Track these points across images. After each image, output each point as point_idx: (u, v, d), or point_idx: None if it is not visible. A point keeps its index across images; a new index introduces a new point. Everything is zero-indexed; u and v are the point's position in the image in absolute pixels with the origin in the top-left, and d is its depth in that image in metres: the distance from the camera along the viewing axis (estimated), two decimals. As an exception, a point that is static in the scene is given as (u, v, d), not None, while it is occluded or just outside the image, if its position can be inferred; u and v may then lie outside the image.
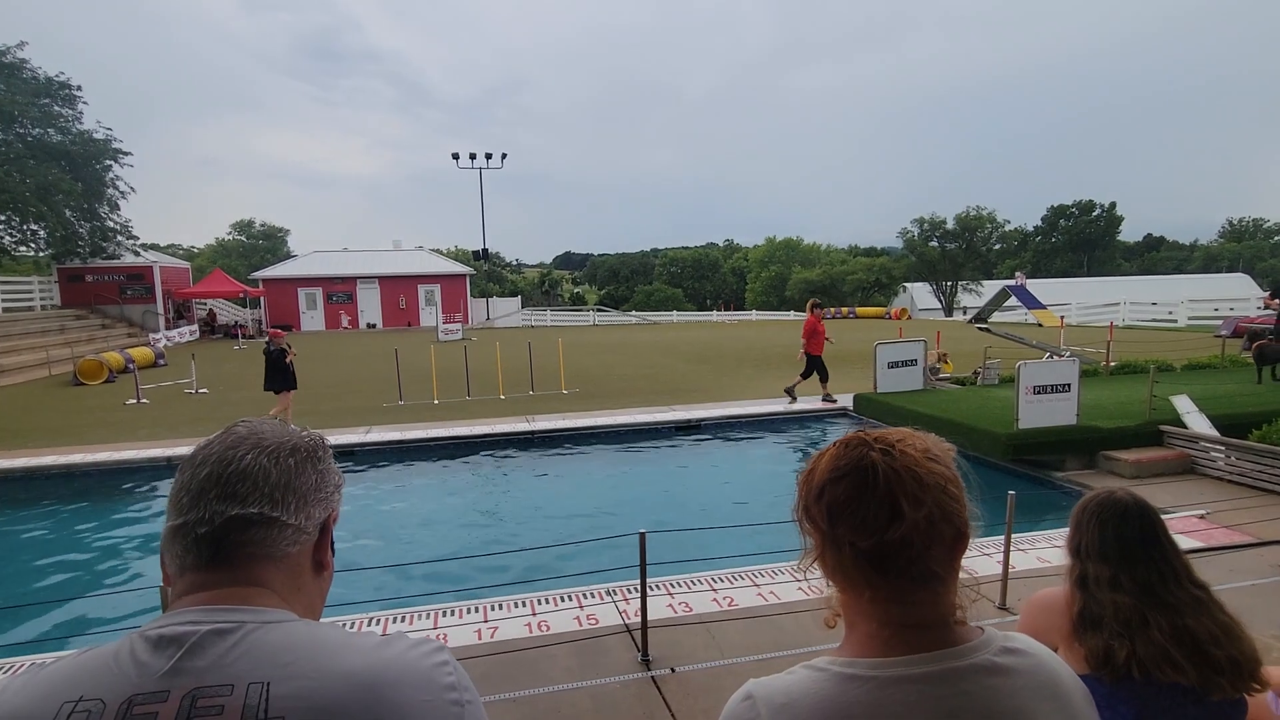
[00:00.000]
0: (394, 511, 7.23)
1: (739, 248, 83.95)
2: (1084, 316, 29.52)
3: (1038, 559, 4.85)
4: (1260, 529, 5.25)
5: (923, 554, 0.83)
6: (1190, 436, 7.05)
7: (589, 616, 4.19)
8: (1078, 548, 1.88)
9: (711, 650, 3.73)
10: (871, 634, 0.87)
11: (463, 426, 10.07)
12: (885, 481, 0.85)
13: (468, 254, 50.50)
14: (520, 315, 42.17)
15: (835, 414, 10.67)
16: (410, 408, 11.92)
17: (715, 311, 52.78)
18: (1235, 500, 5.99)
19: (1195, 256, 74.87)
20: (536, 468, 8.82)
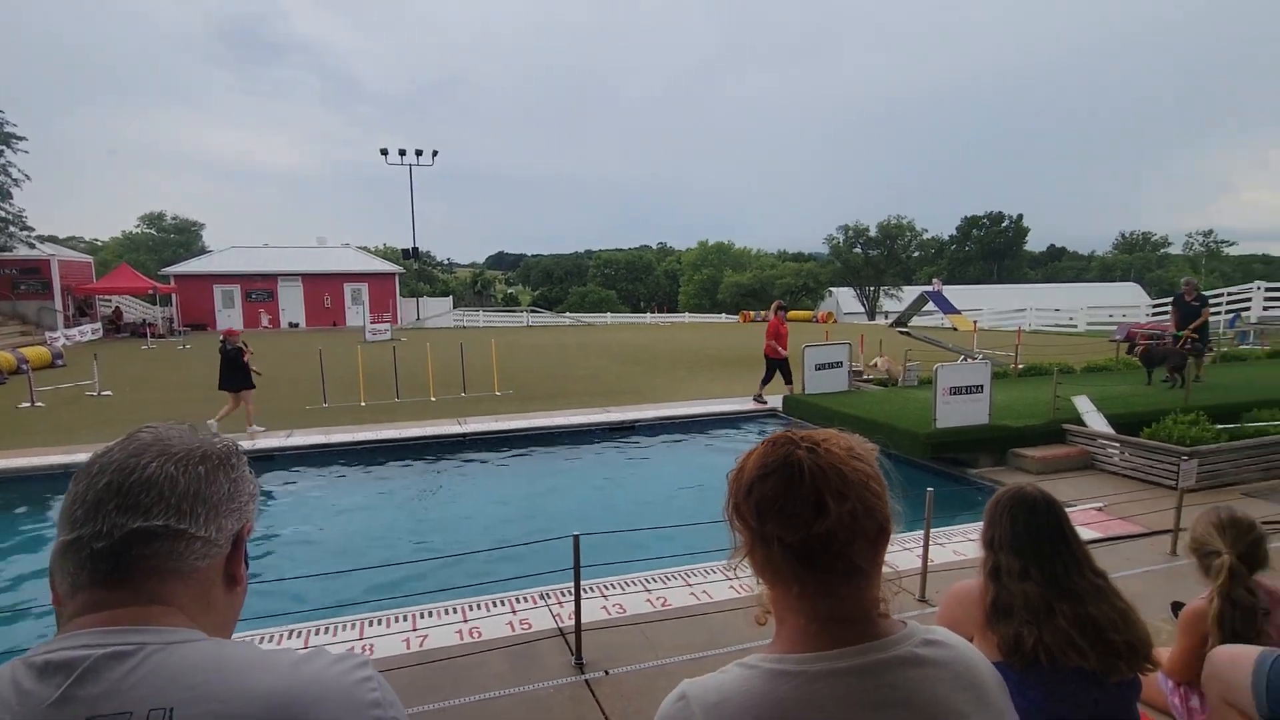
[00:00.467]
0: (318, 518, 6.98)
1: (672, 250, 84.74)
2: (995, 321, 31.14)
3: (954, 552, 5.10)
4: (1150, 519, 5.66)
5: (847, 548, 0.86)
6: (1089, 434, 7.54)
7: (522, 621, 4.16)
8: (991, 541, 2.00)
9: (645, 651, 3.77)
10: (800, 629, 0.89)
11: (391, 429, 9.82)
12: (811, 478, 0.87)
13: (397, 252, 49.12)
14: (452, 316, 41.38)
15: (765, 414, 10.91)
16: (336, 410, 11.53)
17: (649, 314, 53.13)
18: (1129, 493, 6.44)
19: (1093, 266, 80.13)
20: (469, 471, 8.68)
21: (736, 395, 12.22)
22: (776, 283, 54.55)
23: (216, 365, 9.88)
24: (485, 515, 7.03)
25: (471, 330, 35.08)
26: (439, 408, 11.69)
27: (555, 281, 76.44)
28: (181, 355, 22.35)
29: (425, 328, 36.67)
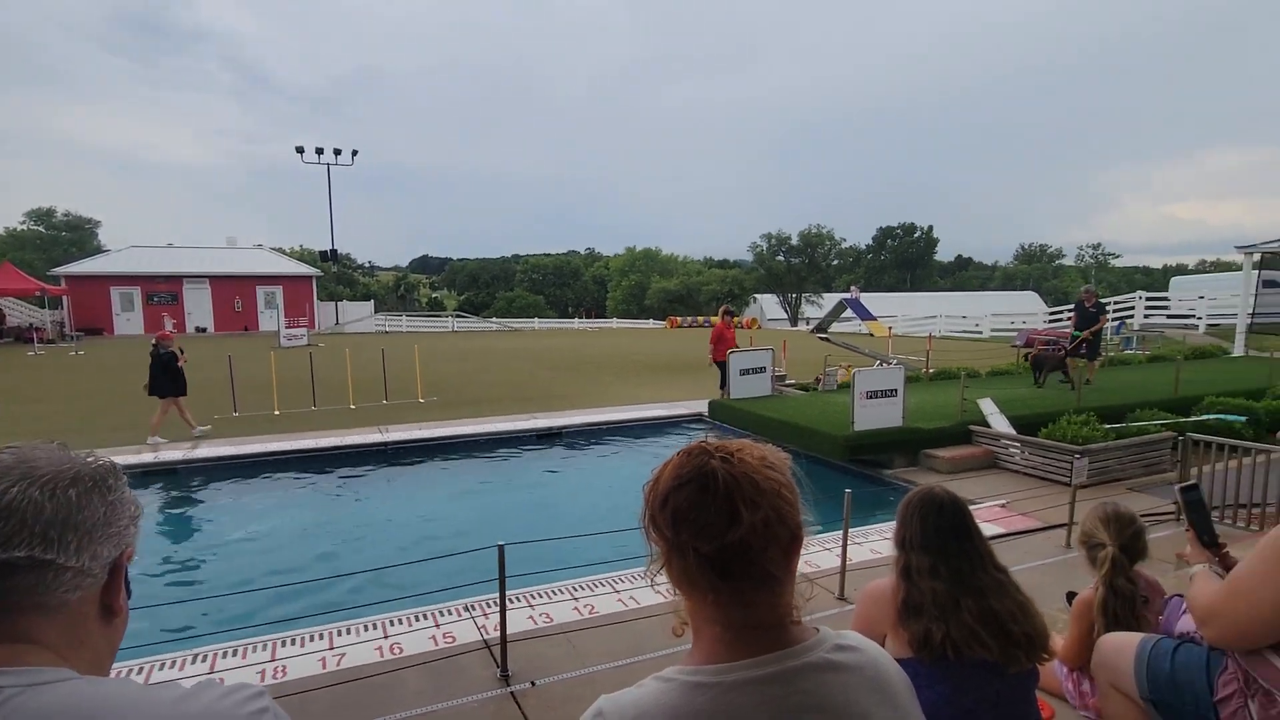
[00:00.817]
0: (227, 534, 6.64)
1: (600, 256, 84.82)
2: (908, 328, 32.55)
3: (871, 550, 5.30)
4: (1048, 515, 6.04)
5: (760, 556, 0.88)
6: (993, 435, 7.98)
7: (445, 635, 4.07)
8: (902, 541, 2.09)
9: (572, 660, 3.75)
10: (716, 638, 0.91)
11: (308, 439, 9.44)
12: (725, 487, 0.89)
13: (315, 254, 47.27)
14: (374, 321, 40.08)
15: (691, 419, 11.06)
16: (247, 419, 11.00)
17: (577, 319, 52.99)
18: (1029, 490, 6.85)
19: (996, 275, 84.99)
20: (390, 481, 8.43)
21: (665, 400, 12.33)
22: (703, 289, 55.43)
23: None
24: (408, 527, 6.85)
25: (394, 336, 34.09)
26: (359, 416, 11.31)
27: (482, 286, 75.29)
28: (75, 362, 20.80)
29: (345, 333, 35.40)
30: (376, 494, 8.02)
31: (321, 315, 37.88)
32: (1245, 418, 7.83)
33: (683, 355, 21.60)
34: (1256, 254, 17.05)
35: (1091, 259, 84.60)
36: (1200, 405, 8.55)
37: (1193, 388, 9.94)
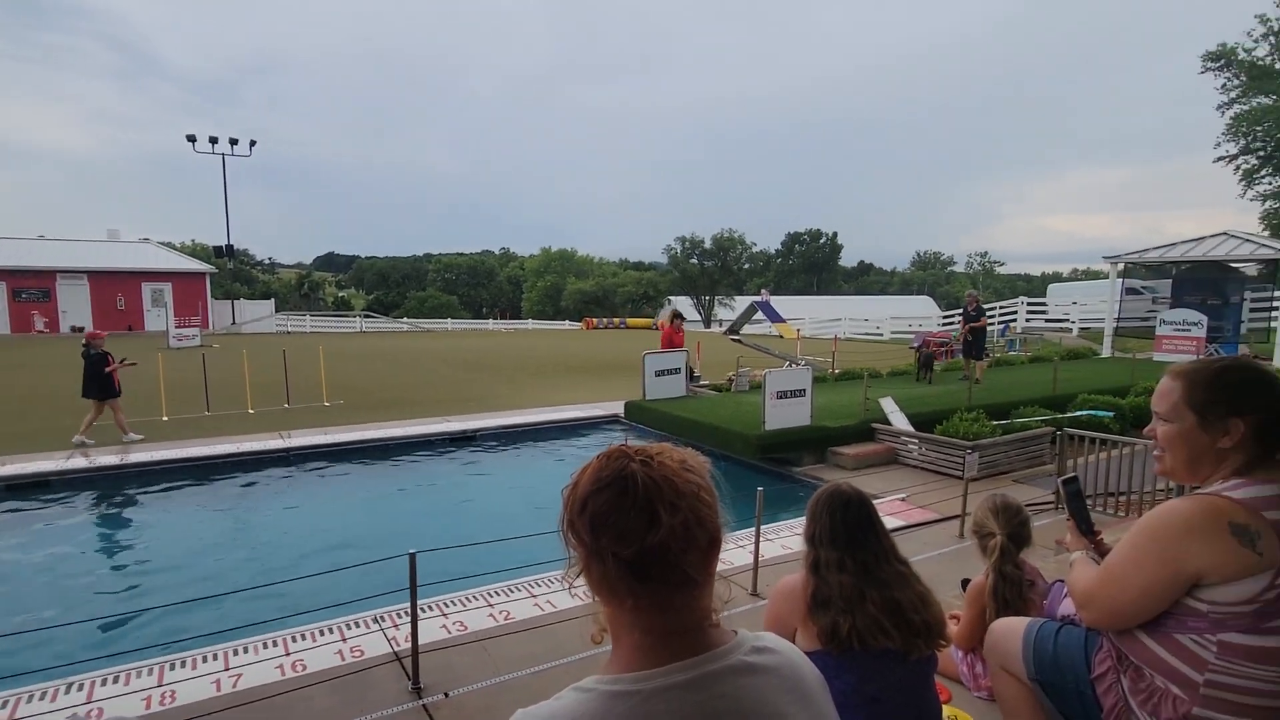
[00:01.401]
0: (108, 552, 6.15)
1: (515, 256, 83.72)
2: (815, 330, 33.73)
3: (782, 546, 5.46)
4: (944, 507, 6.40)
5: (680, 560, 0.88)
6: (894, 432, 8.39)
7: (353, 649, 3.91)
8: (812, 536, 2.16)
9: (487, 668, 3.68)
10: (635, 645, 0.91)
11: (200, 446, 8.85)
12: (644, 491, 0.88)
13: (209, 250, 44.38)
14: (274, 320, 38.00)
15: (608, 420, 11.07)
16: (131, 426, 10.20)
17: (492, 320, 52.07)
18: (927, 484, 7.24)
19: (894, 281, 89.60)
20: (292, 489, 8.02)
21: (582, 402, 12.29)
22: (619, 290, 55.62)
23: None
24: (312, 537, 6.54)
25: (297, 336, 32.46)
26: (258, 421, 10.71)
27: (392, 285, 72.80)
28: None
29: (242, 333, 33.42)
30: (276, 503, 7.60)
31: (216, 315, 35.63)
32: (1113, 413, 8.56)
33: (599, 356, 21.61)
34: (1120, 264, 18.67)
35: (979, 266, 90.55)
36: (1075, 402, 9.28)
37: (1068, 386, 10.77)
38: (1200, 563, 1.49)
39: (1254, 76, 26.27)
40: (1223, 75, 27.26)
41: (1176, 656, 1.56)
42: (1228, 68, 27.05)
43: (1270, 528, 1.45)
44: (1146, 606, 1.59)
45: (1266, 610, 1.44)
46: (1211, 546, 1.48)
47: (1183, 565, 1.51)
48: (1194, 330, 15.65)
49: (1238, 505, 1.49)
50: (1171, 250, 17.52)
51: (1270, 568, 1.44)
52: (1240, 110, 26.67)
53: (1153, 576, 1.56)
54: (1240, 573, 1.46)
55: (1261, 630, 1.44)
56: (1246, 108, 26.52)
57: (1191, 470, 1.68)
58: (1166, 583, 1.54)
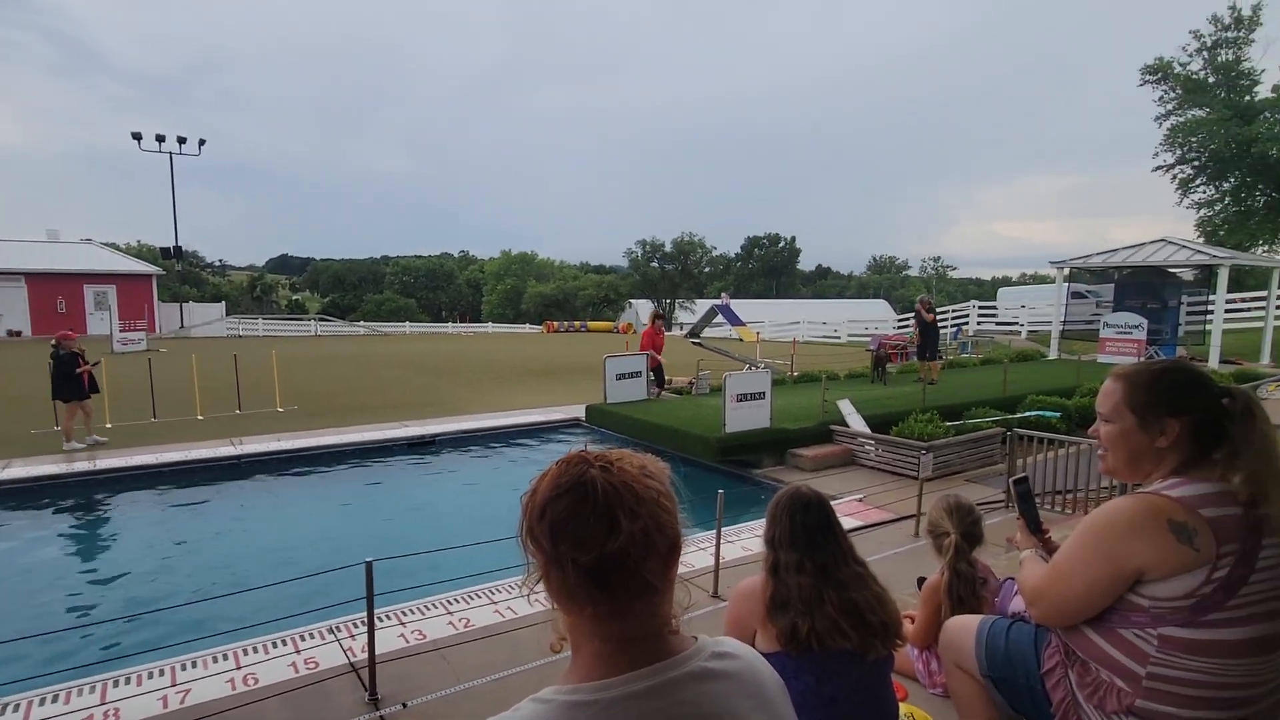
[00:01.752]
0: (46, 566, 5.88)
1: (475, 259, 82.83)
2: (774, 333, 34.11)
3: (743, 549, 5.50)
4: (900, 507, 6.52)
5: (639, 566, 0.87)
6: (851, 434, 8.53)
7: (308, 660, 3.82)
8: (772, 539, 2.18)
9: (447, 677, 3.63)
10: (595, 653, 0.90)
11: (146, 454, 8.55)
12: (604, 497, 0.88)
13: (155, 251, 42.88)
14: (225, 324, 36.91)
15: (569, 424, 11.02)
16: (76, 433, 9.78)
17: (451, 323, 51.41)
18: (884, 485, 7.38)
19: (851, 284, 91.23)
20: (245, 497, 7.79)
21: (542, 406, 12.21)
22: (579, 294, 55.48)
23: None
24: (265, 546, 6.36)
25: (249, 340, 31.59)
26: (208, 427, 10.38)
27: (348, 288, 71.32)
28: None
29: (191, 337, 32.36)
30: (228, 513, 7.37)
31: (164, 318, 34.39)
32: (1059, 414, 8.85)
33: (560, 360, 21.52)
34: (1066, 269, 19.33)
35: (933, 270, 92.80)
36: (1024, 403, 9.57)
37: (1017, 387, 11.10)
38: (1141, 559, 1.55)
39: (1188, 90, 27.48)
40: (1160, 88, 28.45)
41: (1120, 650, 1.62)
42: (1164, 81, 28.23)
43: (1206, 525, 1.51)
44: (1091, 602, 1.65)
45: (1203, 604, 1.50)
46: (1151, 544, 1.53)
47: (1125, 562, 1.57)
48: (1135, 333, 16.28)
49: (1176, 504, 1.55)
50: (1114, 256, 18.21)
51: (1206, 563, 1.50)
52: (1176, 122, 27.86)
53: (1097, 573, 1.61)
54: (1178, 569, 1.52)
55: (1198, 624, 1.51)
56: (1182, 119, 27.72)
57: (1132, 468, 1.76)
58: (1110, 579, 1.60)
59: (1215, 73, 27.30)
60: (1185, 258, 17.20)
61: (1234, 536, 1.51)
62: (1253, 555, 1.50)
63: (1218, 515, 1.52)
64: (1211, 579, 1.50)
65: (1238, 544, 1.50)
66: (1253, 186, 27.39)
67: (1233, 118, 25.76)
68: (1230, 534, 1.51)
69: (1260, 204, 27.58)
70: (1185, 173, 28.48)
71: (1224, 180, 27.86)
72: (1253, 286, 24.53)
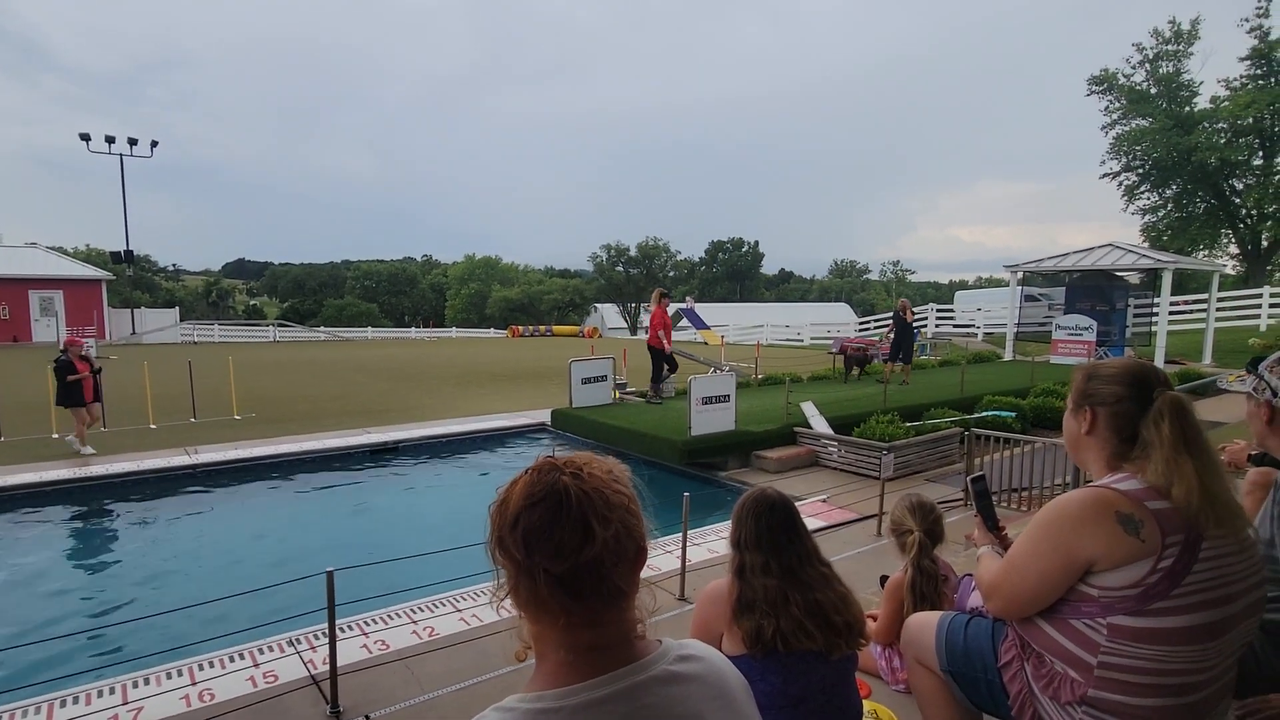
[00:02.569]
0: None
1: (438, 263, 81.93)
2: (738, 336, 34.42)
3: (709, 550, 5.53)
4: (862, 507, 6.62)
5: (611, 572, 0.88)
6: (814, 435, 8.64)
7: (266, 674, 3.72)
8: (738, 540, 2.19)
9: (411, 687, 3.57)
10: (560, 660, 0.90)
11: (96, 465, 8.25)
12: (578, 505, 0.88)
13: (105, 255, 41.44)
14: (179, 330, 35.85)
15: (534, 429, 10.95)
16: (16, 445, 9.42)
17: (414, 328, 50.70)
18: (847, 485, 7.48)
19: (814, 288, 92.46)
20: (200, 507, 7.56)
21: (507, 411, 12.12)
22: (544, 298, 55.25)
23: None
24: (221, 558, 6.19)
25: (205, 346, 30.75)
26: (161, 436, 10.07)
27: (308, 293, 69.93)
28: None
29: (143, 344, 31.36)
30: (182, 524, 7.15)
31: (114, 324, 33.32)
32: (1015, 414, 9.09)
33: (525, 364, 21.38)
34: (1020, 273, 19.89)
35: (893, 274, 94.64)
36: (981, 403, 9.80)
37: (974, 388, 11.37)
38: (1090, 550, 1.61)
39: (1132, 100, 28.56)
40: (1106, 98, 29.51)
41: (1072, 641, 1.67)
42: (1109, 91, 29.30)
43: (1151, 516, 1.58)
44: (1044, 593, 1.70)
45: (1149, 593, 1.56)
46: (1100, 534, 1.59)
47: (1075, 553, 1.62)
48: (1085, 334, 16.82)
49: (1123, 496, 1.61)
50: (1064, 260, 18.79)
51: (1152, 554, 1.56)
52: (1121, 131, 28.92)
53: (1049, 564, 1.67)
54: (1126, 559, 1.58)
55: (1145, 612, 1.56)
56: (1126, 129, 28.78)
57: (1076, 454, 1.92)
58: (1062, 570, 1.65)
59: (1157, 84, 28.43)
60: (1131, 262, 17.84)
61: (1178, 528, 1.57)
62: (1195, 546, 1.57)
63: (1162, 508, 1.59)
64: (1157, 568, 1.56)
65: (1182, 535, 1.57)
66: (1193, 193, 28.56)
67: (1174, 127, 26.84)
68: (1174, 525, 1.57)
69: (1200, 210, 28.77)
70: (1130, 180, 29.59)
71: (1166, 187, 29.01)
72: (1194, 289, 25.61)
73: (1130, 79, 28.81)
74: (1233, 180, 27.41)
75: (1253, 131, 26.06)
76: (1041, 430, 9.20)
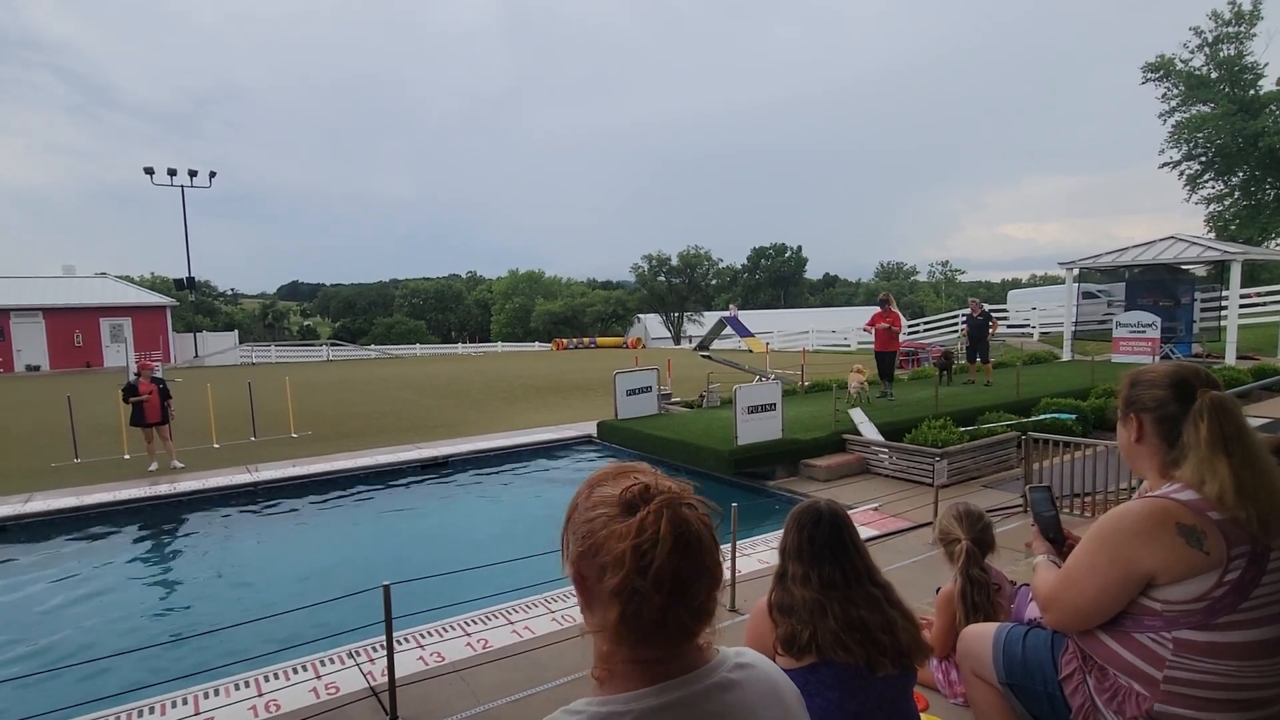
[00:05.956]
0: (67, 596, 5.93)
1: (482, 279, 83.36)
2: (783, 343, 34.06)
3: (759, 561, 5.48)
4: (916, 515, 6.48)
5: (707, 600, 0.91)
6: (864, 443, 8.49)
7: (329, 685, 3.84)
8: (784, 549, 2.18)
9: (467, 698, 3.64)
10: (628, 670, 0.92)
11: (164, 484, 8.63)
12: (709, 544, 0.90)
13: (169, 282, 43.43)
14: (238, 352, 37.23)
15: (581, 441, 11.03)
16: (91, 467, 9.92)
17: (460, 344, 51.65)
18: (899, 493, 7.33)
19: (860, 291, 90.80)
20: (261, 524, 7.85)
21: (554, 424, 12.24)
22: (588, 310, 55.66)
23: None
24: (283, 572, 6.40)
25: (262, 367, 31.87)
26: (224, 455, 10.49)
27: (358, 312, 71.95)
28: None
29: (206, 366, 32.71)
30: (245, 539, 7.43)
31: (179, 348, 34.78)
32: (1075, 416, 8.78)
33: (570, 377, 21.56)
34: (1075, 269, 19.23)
35: (941, 275, 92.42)
36: (1038, 406, 9.50)
37: (1031, 390, 11.03)
38: (1151, 563, 1.55)
39: (1191, 86, 27.40)
40: (1162, 85, 28.39)
41: (1136, 655, 1.62)
42: (1167, 78, 28.18)
43: (1215, 527, 1.52)
44: (1104, 607, 1.65)
45: (1216, 607, 1.50)
46: (1160, 547, 1.54)
47: (1134, 566, 1.57)
48: (1149, 331, 16.15)
49: (1184, 507, 1.55)
50: (1123, 255, 18.11)
51: (1217, 566, 1.50)
52: (1181, 118, 27.77)
53: (1107, 578, 1.62)
54: (1189, 572, 1.52)
55: (1212, 626, 1.51)
56: (1186, 115, 27.62)
57: (1132, 464, 1.84)
58: (1120, 583, 1.60)
59: (1218, 68, 27.22)
60: (1196, 254, 17.08)
61: (1244, 539, 1.51)
62: (1264, 557, 1.50)
63: (1226, 518, 1.52)
64: (1223, 581, 1.50)
65: (1248, 546, 1.50)
66: (1262, 180, 27.20)
67: (1238, 112, 25.66)
68: (1240, 536, 1.51)
69: (1270, 197, 27.36)
70: (1193, 169, 28.33)
71: (1232, 175, 27.69)
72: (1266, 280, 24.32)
73: (1189, 64, 27.68)
74: (1304, 165, 26.05)
75: (1324, 113, 24.76)
76: (1104, 432, 8.87)
